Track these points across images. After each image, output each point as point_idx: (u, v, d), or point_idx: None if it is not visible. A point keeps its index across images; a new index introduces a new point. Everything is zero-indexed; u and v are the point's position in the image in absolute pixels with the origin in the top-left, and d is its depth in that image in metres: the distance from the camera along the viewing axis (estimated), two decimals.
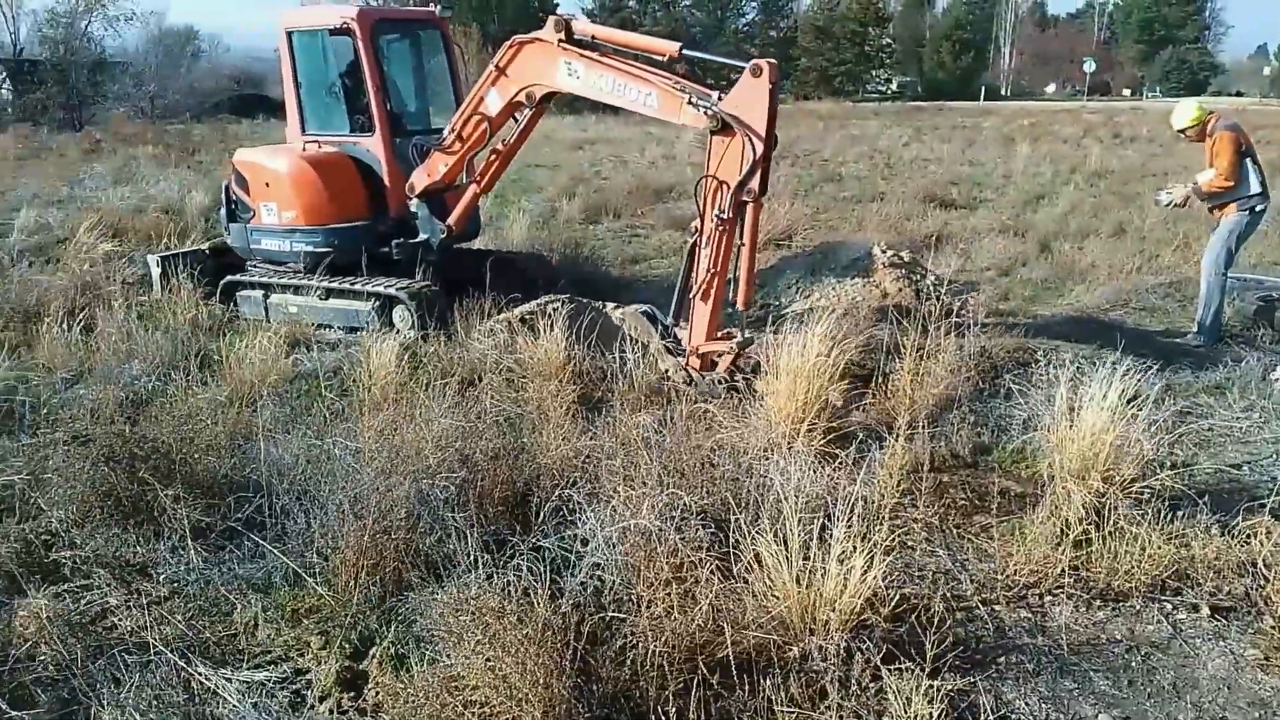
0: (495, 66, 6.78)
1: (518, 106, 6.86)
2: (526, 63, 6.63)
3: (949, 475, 4.89)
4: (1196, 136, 7.30)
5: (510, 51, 6.69)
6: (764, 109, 5.54)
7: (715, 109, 5.62)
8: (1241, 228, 7.18)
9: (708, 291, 6.02)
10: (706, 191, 5.90)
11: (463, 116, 7.05)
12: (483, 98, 6.92)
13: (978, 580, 3.95)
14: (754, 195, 5.74)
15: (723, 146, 5.75)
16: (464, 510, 3.93)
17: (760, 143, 5.58)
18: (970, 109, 48.99)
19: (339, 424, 5.09)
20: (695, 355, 6.14)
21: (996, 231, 11.21)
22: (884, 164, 19.97)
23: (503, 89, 6.78)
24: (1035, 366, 6.20)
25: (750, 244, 5.92)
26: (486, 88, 6.87)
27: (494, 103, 6.87)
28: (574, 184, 16.52)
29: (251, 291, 7.92)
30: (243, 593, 3.72)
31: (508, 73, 6.72)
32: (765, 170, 5.75)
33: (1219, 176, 7.00)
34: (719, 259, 5.94)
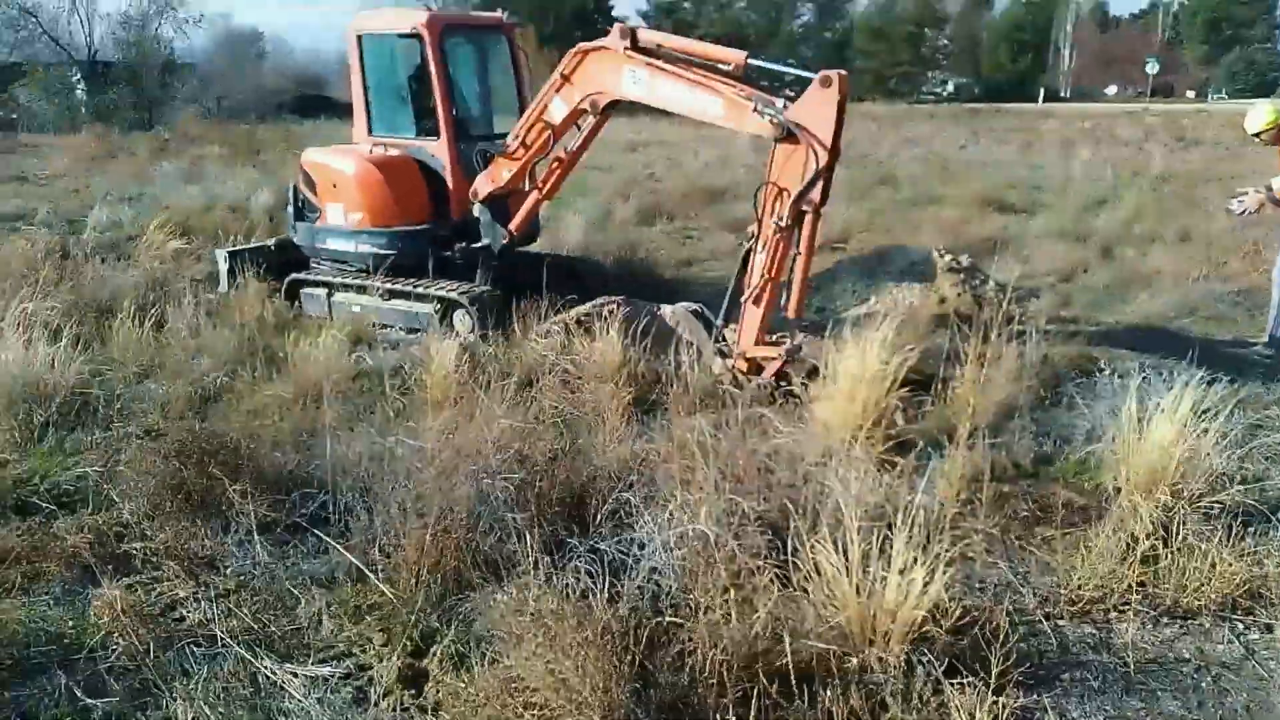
0: (560, 74, 6.79)
1: (581, 114, 6.89)
2: (591, 71, 6.64)
3: (1010, 485, 4.81)
4: (1272, 140, 7.11)
5: (575, 60, 6.71)
6: (831, 120, 5.52)
7: (781, 117, 5.61)
8: None
9: (760, 297, 6.02)
10: (766, 198, 5.90)
11: (526, 124, 7.10)
12: (547, 105, 6.95)
13: (1041, 594, 3.89)
14: (814, 205, 5.73)
15: (786, 155, 5.74)
16: (523, 511, 3.98)
17: (824, 153, 5.56)
18: (1028, 111, 48.13)
19: (401, 422, 5.16)
20: (743, 359, 6.14)
21: (1056, 236, 11.00)
22: (940, 167, 19.70)
23: (567, 96, 6.81)
24: (1098, 376, 6.10)
25: (806, 254, 5.91)
26: (551, 95, 6.90)
27: (558, 110, 6.90)
28: (628, 186, 16.55)
29: (315, 290, 8.07)
30: (307, 588, 3.80)
31: (572, 80, 6.73)
32: (827, 181, 5.74)
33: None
34: (774, 266, 5.93)
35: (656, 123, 37.48)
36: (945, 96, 68.52)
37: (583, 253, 10.02)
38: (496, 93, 8.37)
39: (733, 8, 67.31)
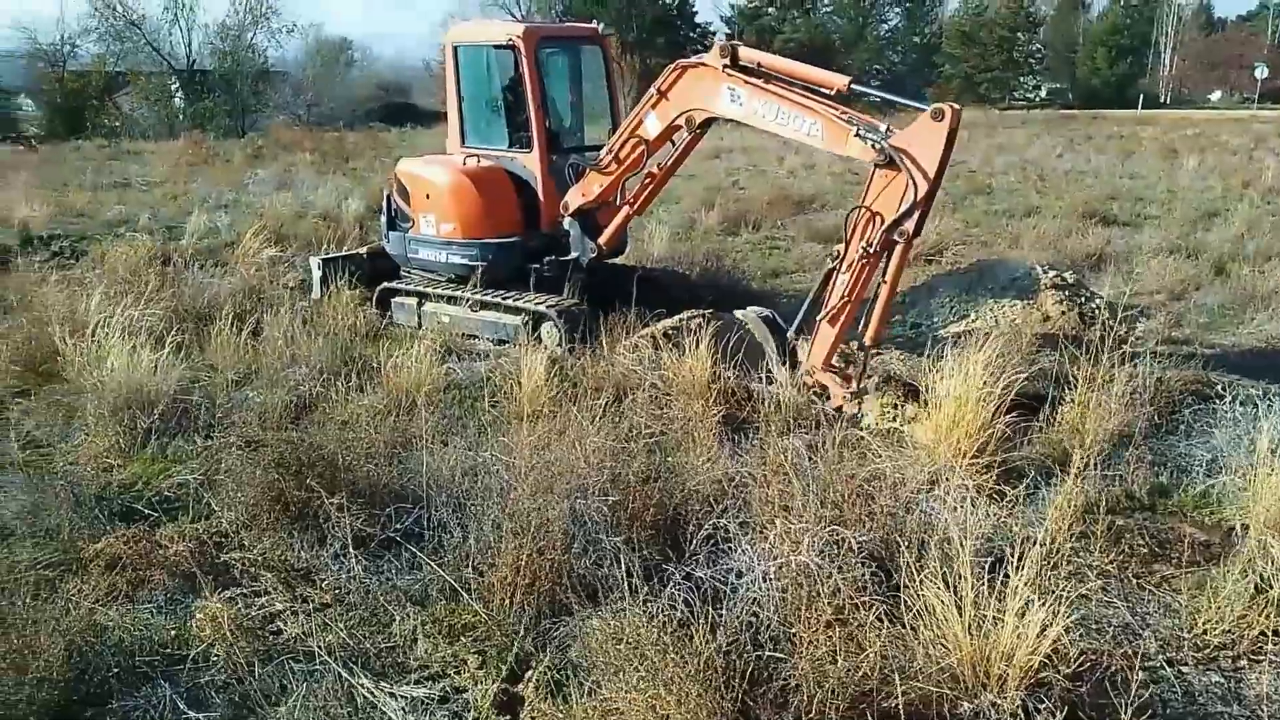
0: (656, 90, 6.75)
1: (676, 130, 6.84)
2: (689, 87, 6.58)
3: (1124, 519, 4.56)
4: None
5: (673, 75, 6.65)
6: (938, 152, 5.38)
7: (884, 143, 5.47)
8: None
9: (836, 317, 5.89)
10: (858, 221, 5.76)
11: (621, 138, 7.08)
12: (642, 120, 6.91)
13: (1162, 637, 3.66)
14: (906, 236, 5.58)
15: (885, 181, 5.60)
16: (617, 533, 3.90)
17: (925, 184, 5.41)
18: (1126, 117, 46.54)
19: (493, 436, 5.14)
20: (809, 376, 6.01)
21: (1165, 251, 10.52)
22: (1036, 176, 19.14)
23: (663, 113, 6.77)
24: (1218, 402, 5.77)
25: (891, 284, 5.76)
26: (646, 110, 6.86)
27: (653, 126, 6.86)
28: (712, 194, 16.44)
29: (406, 299, 8.15)
30: (401, 604, 3.78)
31: (669, 96, 6.69)
32: (924, 213, 5.59)
33: None
34: (856, 288, 5.80)
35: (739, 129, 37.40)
36: (1038, 102, 66.68)
37: (667, 264, 9.95)
38: (589, 104, 8.37)
39: (818, 13, 66.69)
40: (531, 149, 7.68)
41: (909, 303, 8.59)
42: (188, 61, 43.02)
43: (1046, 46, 71.91)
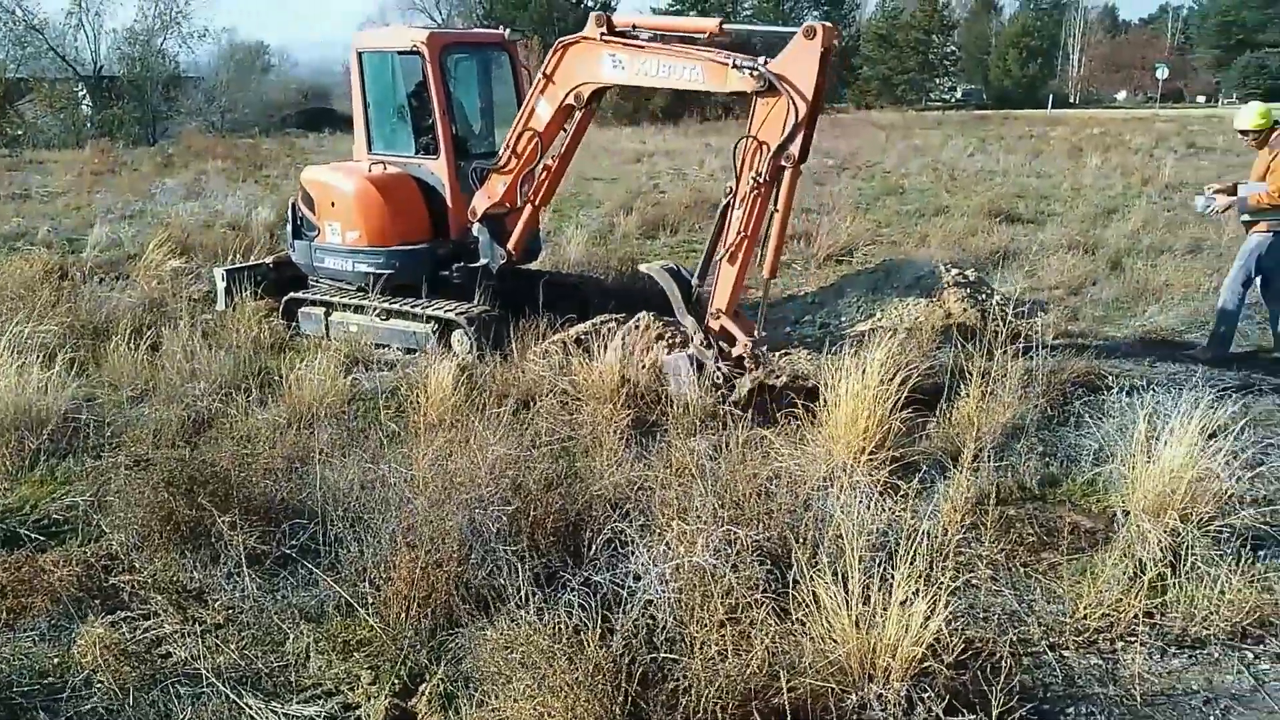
0: (542, 75, 6.90)
1: (568, 111, 6.95)
2: (573, 63, 6.74)
3: (1015, 509, 4.71)
4: (1257, 143, 7.02)
5: (556, 56, 6.80)
6: (813, 71, 5.52)
7: (761, 69, 5.62)
8: (1265, 246, 6.90)
9: (735, 255, 5.98)
10: (745, 153, 5.87)
11: (515, 132, 7.14)
12: (533, 109, 7.02)
13: (1045, 623, 3.78)
14: (793, 160, 5.71)
15: (766, 108, 5.73)
16: (516, 541, 3.90)
17: (805, 105, 5.55)
18: (1037, 118, 47.99)
19: (395, 448, 5.09)
20: (715, 319, 6.09)
21: (1065, 248, 10.87)
22: (947, 176, 19.62)
23: (552, 96, 6.90)
24: (1107, 393, 5.99)
25: (784, 211, 5.87)
26: (536, 98, 6.98)
27: (545, 111, 6.97)
28: (631, 198, 16.49)
29: (313, 309, 8.02)
30: (295, 622, 3.72)
31: (555, 79, 6.83)
32: (808, 135, 5.72)
33: (1273, 195, 6.68)
34: (751, 223, 5.90)
35: (661, 133, 37.63)
36: (953, 103, 68.36)
37: (584, 269, 9.96)
38: (499, 110, 8.32)
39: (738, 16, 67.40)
40: (438, 155, 7.63)
41: (818, 303, 8.75)
42: (94, 67, 41.60)
43: (960, 49, 73.83)
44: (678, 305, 6.38)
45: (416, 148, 7.81)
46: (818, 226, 12.25)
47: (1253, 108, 7.13)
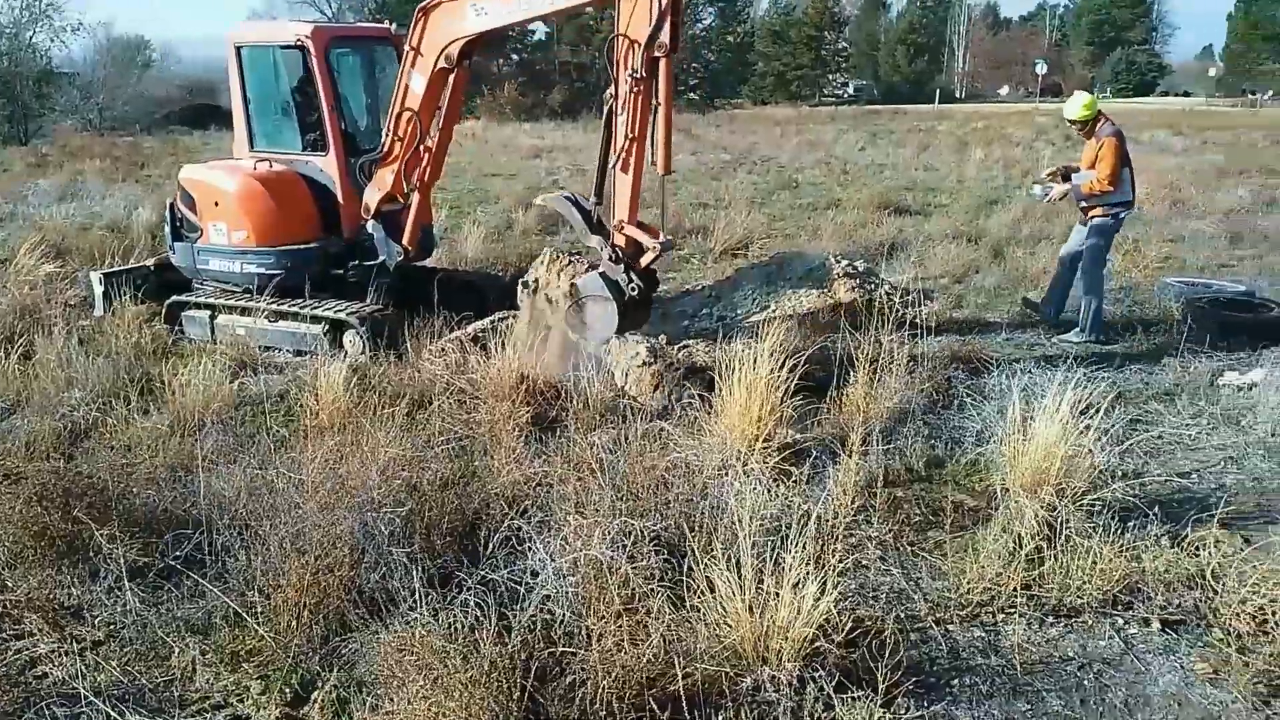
0: (409, 48, 6.85)
1: (442, 78, 6.89)
2: (437, 26, 6.72)
3: (903, 490, 4.87)
4: (1085, 133, 7.52)
5: (419, 25, 6.78)
6: None
7: None
8: (1106, 229, 7.48)
9: (627, 161, 5.96)
10: (618, 54, 5.86)
11: (393, 116, 7.08)
12: (407, 86, 6.95)
13: (932, 599, 3.93)
14: (665, 50, 5.71)
15: (631, 3, 5.74)
16: (411, 543, 3.85)
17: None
18: (925, 112, 49.53)
19: (284, 453, 4.96)
20: (620, 233, 6.09)
21: (950, 238, 11.27)
22: (840, 170, 20.09)
23: (422, 66, 6.84)
24: (988, 376, 6.24)
25: (666, 103, 5.86)
26: (408, 74, 6.92)
27: (419, 85, 6.91)
28: (530, 193, 16.39)
29: (197, 312, 7.73)
30: (181, 635, 3.60)
31: (422, 49, 6.79)
32: (675, 22, 5.72)
33: (1102, 181, 7.21)
34: (636, 123, 5.88)
35: (560, 128, 37.53)
36: (846, 99, 69.95)
37: (481, 266, 9.87)
38: (386, 106, 8.18)
39: None
40: (327, 152, 7.46)
41: (714, 296, 8.85)
42: None
43: (852, 45, 75.57)
44: (581, 229, 6.38)
45: (303, 144, 7.62)
46: (714, 220, 12.41)
47: (1079, 99, 7.60)
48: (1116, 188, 7.29)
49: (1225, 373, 6.38)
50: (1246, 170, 18.77)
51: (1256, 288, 8.72)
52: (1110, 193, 7.30)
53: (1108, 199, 7.36)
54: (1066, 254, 7.85)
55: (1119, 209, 7.49)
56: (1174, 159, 21.21)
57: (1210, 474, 5.10)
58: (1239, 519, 4.58)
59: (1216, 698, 3.36)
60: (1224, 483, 4.99)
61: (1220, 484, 4.98)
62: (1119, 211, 7.50)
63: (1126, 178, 7.39)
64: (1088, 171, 7.38)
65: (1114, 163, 7.21)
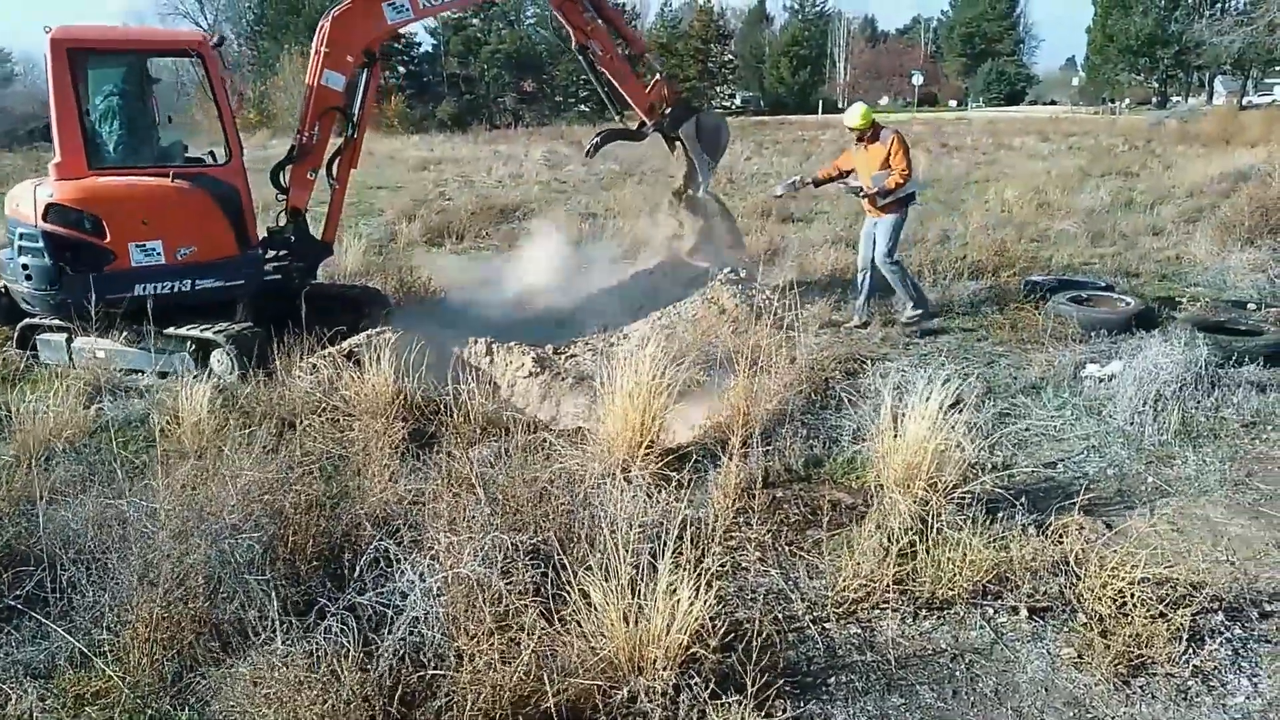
0: (317, 51, 7.08)
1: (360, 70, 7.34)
2: (350, 29, 7.06)
3: (783, 490, 4.90)
4: (868, 138, 7.96)
5: (328, 30, 7.03)
6: None
7: None
8: (899, 221, 8.02)
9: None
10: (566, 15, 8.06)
11: (311, 117, 7.24)
12: (322, 86, 7.15)
13: (809, 598, 3.94)
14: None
15: None
16: (273, 570, 3.67)
17: None
18: (810, 122, 50.76)
19: (140, 480, 4.68)
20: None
21: (830, 243, 11.51)
22: (725, 179, 20.32)
23: (338, 64, 7.11)
24: (864, 375, 6.35)
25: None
26: (320, 74, 7.10)
27: (336, 82, 7.19)
28: (416, 206, 16.15)
29: (53, 335, 7.24)
30: (19, 680, 3.34)
31: (337, 47, 7.05)
32: None
33: (903, 173, 7.72)
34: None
35: (450, 140, 37.06)
36: (734, 109, 71.11)
37: (361, 278, 9.61)
38: None
39: (523, 25, 67.46)
40: (230, 161, 7.20)
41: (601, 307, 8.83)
42: None
43: (738, 57, 76.92)
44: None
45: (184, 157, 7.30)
46: (602, 229, 12.38)
47: (857, 109, 8.09)
48: (911, 178, 7.88)
49: (1087, 365, 6.65)
50: (1107, 173, 19.77)
51: (1115, 283, 9.15)
52: (906, 184, 7.82)
53: (901, 192, 7.87)
54: (865, 259, 8.25)
55: (908, 201, 8.07)
56: (1041, 163, 22.21)
57: (1074, 463, 5.28)
58: (1101, 505, 4.76)
59: (1081, 681, 3.45)
60: (1087, 471, 5.18)
61: (1083, 472, 5.17)
62: (907, 204, 8.07)
63: (915, 170, 8.04)
64: (883, 172, 7.80)
65: (906, 156, 7.79)
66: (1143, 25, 59.70)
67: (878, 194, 7.86)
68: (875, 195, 7.88)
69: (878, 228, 8.04)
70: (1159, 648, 3.50)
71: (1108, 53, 62.18)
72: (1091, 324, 7.43)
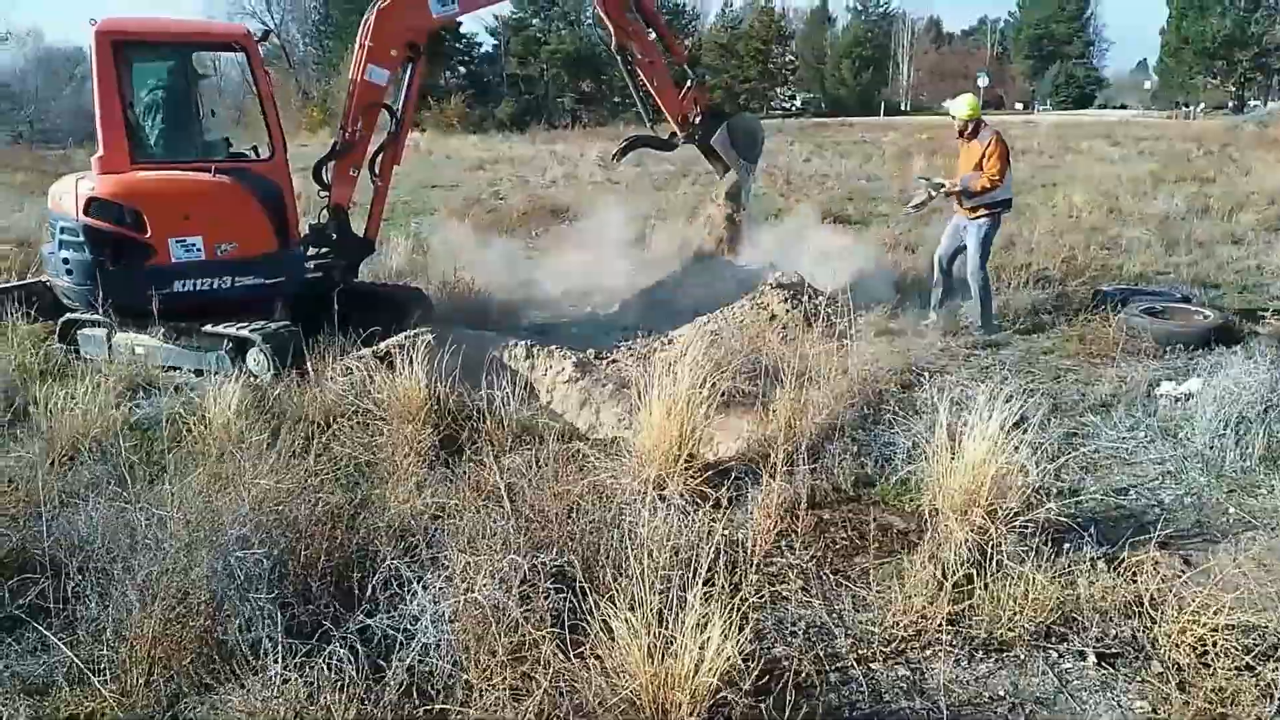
0: (362, 45, 7.02)
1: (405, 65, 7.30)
2: (396, 21, 7.02)
3: (830, 512, 4.58)
4: (968, 134, 7.74)
5: (375, 21, 6.99)
6: None
7: None
8: (989, 229, 7.76)
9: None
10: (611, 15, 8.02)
11: (354, 111, 7.20)
12: (366, 80, 7.09)
13: (854, 634, 3.63)
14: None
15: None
16: (283, 586, 3.48)
17: None
18: (872, 124, 49.90)
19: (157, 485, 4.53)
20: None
21: (889, 246, 11.10)
22: (783, 180, 19.95)
23: (381, 60, 7.06)
24: (920, 388, 6.00)
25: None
26: (364, 67, 7.05)
27: (380, 77, 7.14)
28: (469, 205, 16.06)
29: (94, 330, 7.21)
30: (13, 697, 3.19)
31: (381, 41, 6.99)
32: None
33: (992, 177, 7.48)
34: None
35: (508, 140, 37.16)
36: (794, 111, 70.42)
37: (409, 278, 9.47)
38: None
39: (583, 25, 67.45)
40: (273, 157, 7.12)
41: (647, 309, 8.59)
42: None
43: (799, 58, 76.15)
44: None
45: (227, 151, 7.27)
46: (652, 228, 12.14)
47: (965, 99, 7.87)
48: (1003, 184, 7.58)
49: (1162, 382, 6.21)
50: (1182, 178, 18.97)
51: (1192, 294, 8.64)
52: (997, 189, 7.56)
53: (992, 197, 7.62)
54: (943, 255, 8.08)
55: (1000, 208, 7.77)
56: (1111, 167, 21.43)
57: (1147, 490, 4.88)
58: (1178, 538, 4.37)
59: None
60: (1162, 499, 4.79)
61: (1158, 500, 4.77)
62: (1000, 210, 7.80)
63: (1009, 177, 7.71)
64: (975, 173, 7.58)
65: (1002, 161, 7.51)
66: (1220, 27, 57.79)
67: (961, 193, 7.66)
68: (959, 194, 7.69)
69: (967, 232, 7.80)
70: (1245, 706, 3.13)
71: (1182, 55, 60.33)
72: (1167, 338, 6.97)
